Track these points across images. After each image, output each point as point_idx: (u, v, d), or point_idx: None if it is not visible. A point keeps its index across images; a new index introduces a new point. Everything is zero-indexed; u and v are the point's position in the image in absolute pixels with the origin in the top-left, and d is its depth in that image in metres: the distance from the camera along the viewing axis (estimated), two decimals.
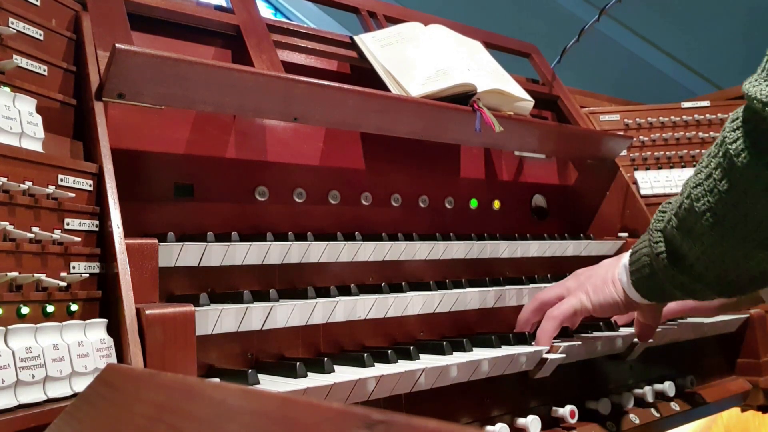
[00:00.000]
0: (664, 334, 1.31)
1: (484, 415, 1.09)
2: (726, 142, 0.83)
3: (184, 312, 0.83)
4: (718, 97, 2.15)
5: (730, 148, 0.82)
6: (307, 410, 0.42)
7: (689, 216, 0.91)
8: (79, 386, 0.76)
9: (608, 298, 1.11)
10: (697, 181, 0.89)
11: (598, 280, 1.13)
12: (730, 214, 0.84)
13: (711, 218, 0.86)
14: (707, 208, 0.86)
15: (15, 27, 0.94)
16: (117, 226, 0.87)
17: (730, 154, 0.82)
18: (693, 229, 0.91)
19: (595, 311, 1.13)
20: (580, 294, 1.14)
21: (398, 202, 1.44)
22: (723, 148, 0.84)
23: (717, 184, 0.84)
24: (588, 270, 1.19)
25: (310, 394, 0.83)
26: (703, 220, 0.87)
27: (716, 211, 0.85)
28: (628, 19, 5.21)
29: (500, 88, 1.43)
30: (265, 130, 1.29)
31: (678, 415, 1.30)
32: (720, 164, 0.84)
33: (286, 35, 1.33)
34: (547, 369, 1.12)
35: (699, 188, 0.88)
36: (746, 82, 0.80)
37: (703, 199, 0.87)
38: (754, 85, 0.78)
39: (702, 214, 0.87)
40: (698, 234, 0.90)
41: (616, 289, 1.11)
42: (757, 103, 0.77)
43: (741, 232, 0.84)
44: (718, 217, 0.86)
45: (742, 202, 0.82)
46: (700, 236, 0.90)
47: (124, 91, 1.00)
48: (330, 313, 1.03)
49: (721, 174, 0.84)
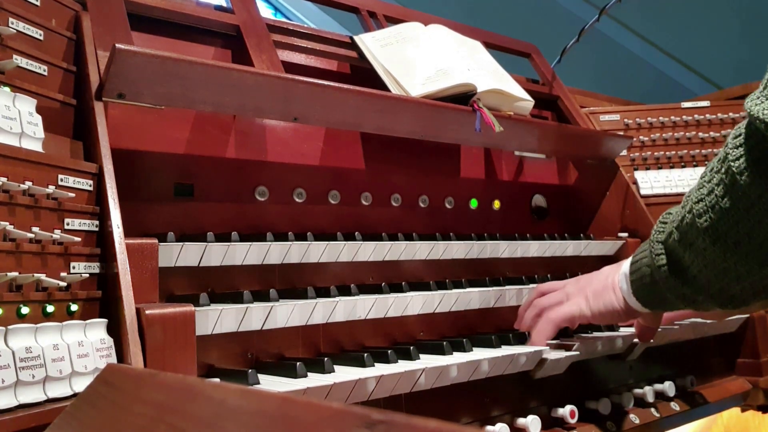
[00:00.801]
0: (665, 334, 1.31)
1: (484, 415, 1.09)
2: (729, 158, 0.83)
3: (184, 312, 0.83)
4: (718, 97, 2.15)
5: (733, 165, 0.82)
6: (307, 410, 0.42)
7: (691, 230, 0.90)
8: (79, 386, 0.76)
9: (608, 305, 1.11)
10: (699, 196, 0.88)
11: (598, 287, 1.13)
12: (732, 232, 0.84)
13: (713, 235, 0.86)
14: (709, 224, 0.86)
15: (15, 27, 0.94)
16: (117, 226, 0.87)
17: (733, 171, 0.82)
18: (695, 244, 0.91)
19: (594, 318, 1.13)
20: (580, 300, 1.14)
21: (398, 202, 1.45)
22: (726, 165, 0.83)
23: (719, 201, 0.84)
24: (588, 276, 1.19)
25: (310, 394, 0.83)
26: (705, 236, 0.87)
27: (718, 228, 0.85)
28: (628, 19, 5.21)
29: (500, 88, 1.43)
30: (265, 129, 1.29)
31: (678, 415, 1.30)
32: (722, 181, 0.84)
33: (286, 35, 1.33)
34: (548, 370, 1.12)
35: (701, 204, 0.87)
36: (748, 99, 0.80)
37: (705, 216, 0.87)
38: (756, 104, 0.78)
39: (704, 231, 0.87)
40: (700, 249, 0.90)
41: (616, 296, 1.11)
42: (759, 123, 0.77)
43: (744, 250, 0.84)
44: (719, 234, 0.85)
45: (744, 221, 0.82)
46: (702, 251, 0.89)
47: (124, 91, 1.00)
48: (330, 313, 1.03)
49: (723, 191, 0.84)
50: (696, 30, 4.97)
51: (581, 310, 1.13)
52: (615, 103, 2.10)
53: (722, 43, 4.67)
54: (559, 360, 1.11)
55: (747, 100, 0.80)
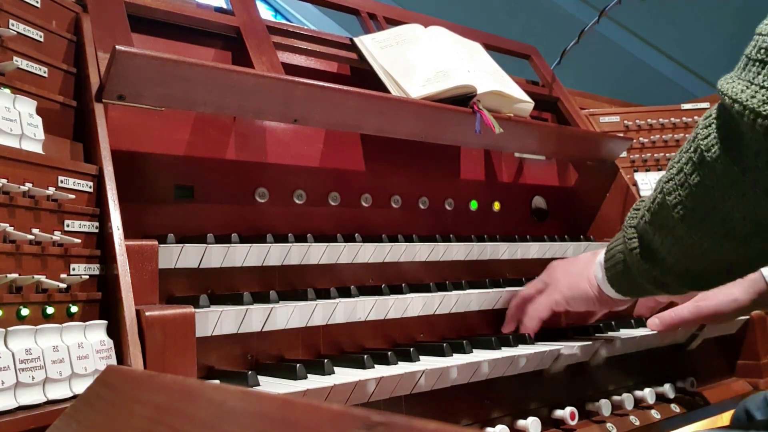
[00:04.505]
0: (665, 335, 1.31)
1: (484, 417, 1.09)
2: (698, 138, 0.85)
3: (184, 313, 0.83)
4: (717, 98, 2.15)
5: (702, 144, 0.84)
6: (307, 412, 0.42)
7: (661, 210, 0.93)
8: (78, 388, 0.76)
9: (582, 294, 1.17)
10: (669, 176, 0.91)
11: (573, 277, 1.19)
12: (699, 207, 0.87)
13: (681, 210, 0.89)
14: (678, 201, 0.89)
15: (15, 29, 0.94)
16: (117, 228, 0.87)
17: (701, 149, 0.84)
18: (664, 224, 0.94)
19: (569, 306, 1.20)
20: (555, 292, 1.21)
21: (398, 203, 1.45)
22: (695, 144, 0.86)
23: (688, 178, 0.87)
24: (563, 264, 1.25)
25: (310, 396, 0.83)
26: (674, 212, 0.90)
27: (686, 203, 0.88)
28: (627, 20, 5.22)
29: (500, 90, 1.43)
30: (265, 131, 1.29)
31: (678, 417, 1.30)
32: (691, 159, 0.87)
33: (286, 37, 1.33)
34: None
35: (671, 182, 0.90)
36: (721, 79, 0.81)
37: (674, 193, 0.89)
38: (728, 82, 0.79)
39: (673, 207, 0.90)
40: (669, 227, 0.93)
41: (591, 285, 1.16)
42: (727, 100, 0.79)
43: (708, 224, 0.87)
44: (687, 210, 0.88)
45: (711, 195, 0.85)
46: (671, 229, 0.92)
47: (124, 93, 1.00)
48: (330, 315, 1.03)
49: (692, 168, 0.86)
50: (695, 32, 4.97)
51: (557, 302, 1.20)
52: (615, 104, 2.10)
53: (722, 44, 4.68)
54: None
55: (721, 79, 0.82)
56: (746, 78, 0.77)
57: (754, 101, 0.75)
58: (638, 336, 1.27)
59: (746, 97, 0.76)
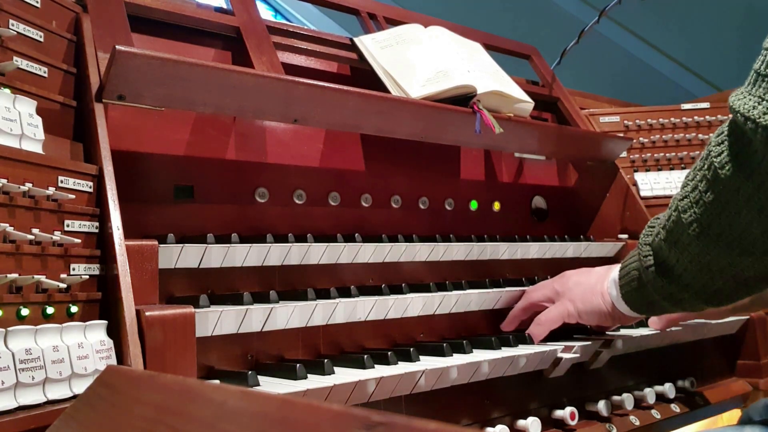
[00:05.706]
0: (665, 335, 1.31)
1: (484, 417, 1.09)
2: (711, 155, 0.86)
3: (184, 313, 0.83)
4: (717, 98, 2.15)
5: (715, 161, 0.85)
6: (307, 412, 0.42)
7: (676, 227, 0.93)
8: (78, 388, 0.76)
9: (596, 308, 1.16)
10: (684, 193, 0.92)
11: (587, 291, 1.17)
12: (714, 224, 0.87)
13: (697, 228, 0.89)
14: (693, 218, 0.89)
15: (15, 29, 0.94)
16: (117, 228, 0.87)
17: (715, 166, 0.85)
18: (680, 240, 0.93)
19: (581, 319, 1.18)
20: (568, 303, 1.19)
21: (398, 203, 1.45)
22: (708, 161, 0.86)
23: (702, 195, 0.87)
24: (576, 275, 1.23)
25: (310, 396, 0.83)
26: (690, 230, 0.90)
27: (702, 221, 0.88)
28: (627, 20, 5.22)
29: (500, 90, 1.43)
30: (265, 131, 1.29)
31: (678, 417, 1.30)
32: (705, 176, 0.87)
33: (286, 37, 1.33)
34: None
35: (685, 200, 0.91)
36: (732, 95, 0.82)
37: (689, 211, 0.90)
38: (739, 98, 0.80)
39: (689, 225, 0.90)
40: (685, 244, 0.93)
41: (604, 301, 1.15)
42: (739, 117, 0.79)
43: (725, 240, 0.87)
44: (703, 227, 0.89)
45: (726, 212, 0.85)
46: (687, 246, 0.92)
47: (124, 93, 1.00)
48: (330, 315, 1.03)
49: (706, 186, 0.87)
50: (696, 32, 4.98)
51: (570, 313, 1.18)
52: (615, 104, 2.10)
53: (722, 45, 4.68)
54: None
55: (731, 96, 0.82)
56: (757, 94, 0.77)
57: (766, 117, 0.75)
58: (638, 336, 1.27)
59: (758, 114, 0.76)
